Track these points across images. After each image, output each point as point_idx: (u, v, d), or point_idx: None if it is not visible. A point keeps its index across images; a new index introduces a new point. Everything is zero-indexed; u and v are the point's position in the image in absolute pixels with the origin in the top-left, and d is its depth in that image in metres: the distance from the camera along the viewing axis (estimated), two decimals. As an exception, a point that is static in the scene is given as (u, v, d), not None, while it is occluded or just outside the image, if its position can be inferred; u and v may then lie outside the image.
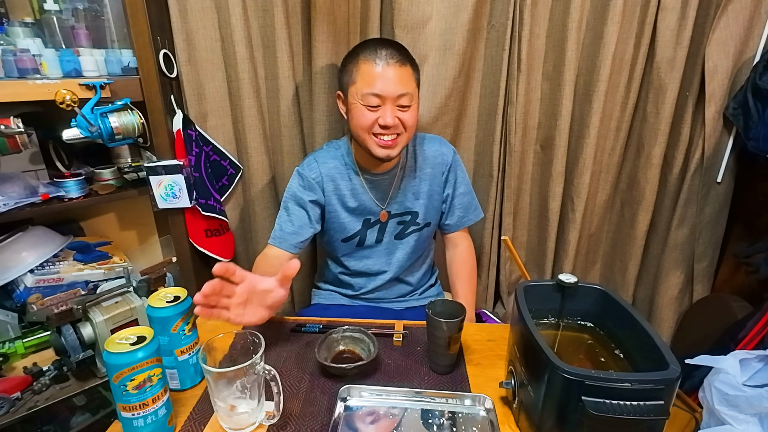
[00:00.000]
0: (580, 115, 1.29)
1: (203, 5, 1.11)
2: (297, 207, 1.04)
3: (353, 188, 1.06)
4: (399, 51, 0.95)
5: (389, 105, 0.93)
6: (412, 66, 0.96)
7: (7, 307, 1.14)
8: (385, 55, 0.92)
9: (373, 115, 0.94)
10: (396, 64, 0.92)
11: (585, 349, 0.70)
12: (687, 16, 1.18)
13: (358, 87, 0.94)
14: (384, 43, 0.95)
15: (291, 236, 1.03)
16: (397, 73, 0.92)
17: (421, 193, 1.09)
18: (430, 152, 1.09)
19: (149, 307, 0.69)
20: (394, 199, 1.08)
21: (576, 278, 0.71)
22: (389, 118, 0.93)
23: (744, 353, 0.94)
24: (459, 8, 1.16)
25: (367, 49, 0.95)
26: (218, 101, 1.20)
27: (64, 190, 1.12)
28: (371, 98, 0.93)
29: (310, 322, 0.93)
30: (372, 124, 0.95)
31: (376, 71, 0.92)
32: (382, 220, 1.09)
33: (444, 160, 1.09)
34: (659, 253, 1.42)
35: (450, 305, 0.79)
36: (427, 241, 1.17)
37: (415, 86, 0.96)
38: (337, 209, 1.07)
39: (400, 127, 0.96)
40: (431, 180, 1.09)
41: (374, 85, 0.92)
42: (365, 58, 0.93)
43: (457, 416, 0.69)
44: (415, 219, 1.10)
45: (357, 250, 1.12)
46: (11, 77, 0.95)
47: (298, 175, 1.06)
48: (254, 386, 0.64)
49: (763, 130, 1.12)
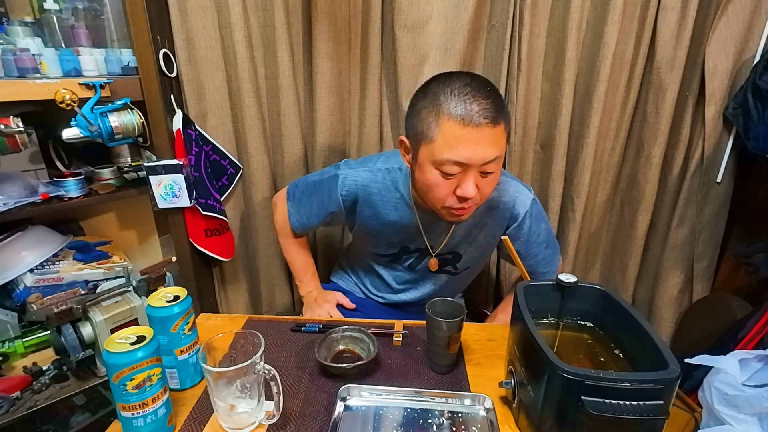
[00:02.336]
0: (580, 115, 1.29)
1: (203, 5, 1.11)
2: (317, 206, 1.01)
3: (400, 218, 0.93)
4: (494, 102, 0.73)
5: (472, 173, 0.75)
6: (505, 120, 0.75)
7: (6, 306, 1.14)
8: (478, 112, 0.71)
9: (450, 184, 0.77)
10: (490, 125, 0.72)
11: (585, 348, 0.70)
12: (687, 16, 1.17)
13: (437, 148, 0.74)
14: (476, 92, 0.73)
15: (306, 224, 1.06)
16: (491, 136, 0.73)
17: (473, 241, 0.97)
18: (498, 202, 0.92)
19: (149, 307, 0.69)
20: (444, 244, 0.96)
21: (576, 278, 0.71)
22: (471, 189, 0.75)
23: (743, 353, 0.94)
24: (459, 8, 1.16)
25: (454, 98, 0.73)
26: (218, 101, 1.20)
27: (63, 189, 1.12)
28: (452, 166, 0.74)
29: (310, 321, 0.93)
30: (447, 195, 0.78)
31: (464, 134, 0.72)
32: (431, 269, 0.99)
33: (512, 214, 0.93)
34: (659, 253, 1.42)
35: (450, 305, 0.79)
36: (463, 281, 1.09)
37: (505, 145, 0.77)
38: (373, 230, 0.97)
39: (477, 198, 0.78)
40: (489, 231, 0.96)
41: (458, 152, 0.73)
42: (449, 113, 0.72)
43: (457, 416, 0.69)
44: (455, 262, 1.00)
45: (389, 265, 1.06)
46: (11, 77, 0.95)
47: (334, 183, 0.94)
48: (254, 386, 0.64)
49: (763, 130, 1.12)
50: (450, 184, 0.77)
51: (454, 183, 0.77)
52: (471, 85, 0.74)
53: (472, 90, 0.73)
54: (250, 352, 0.66)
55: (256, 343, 0.66)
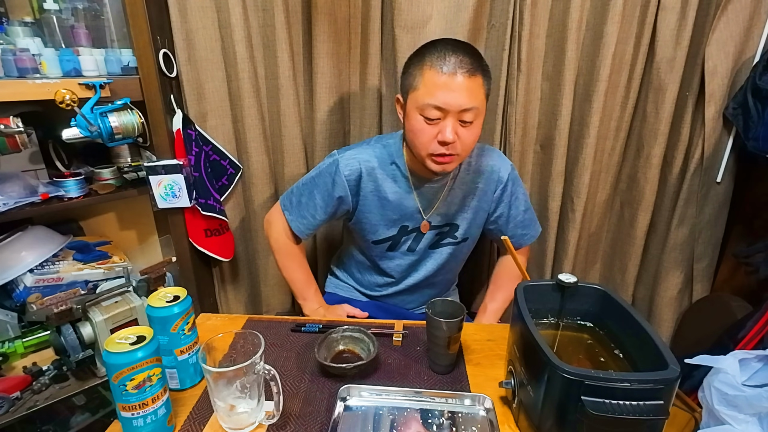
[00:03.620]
0: (580, 115, 1.29)
1: (203, 5, 1.11)
2: (321, 198, 1.01)
3: (397, 191, 1.00)
4: (471, 57, 0.84)
5: (451, 119, 0.84)
6: (483, 75, 0.86)
7: (6, 306, 1.14)
8: (454, 63, 0.82)
9: (432, 130, 0.86)
10: (465, 74, 0.82)
11: (585, 349, 0.70)
12: (687, 16, 1.17)
13: (419, 95, 0.85)
14: (455, 47, 0.84)
15: (311, 224, 1.04)
16: (466, 85, 0.82)
17: (467, 208, 1.03)
18: (486, 166, 1.02)
19: (149, 307, 0.69)
20: (438, 210, 1.02)
21: (576, 278, 0.71)
22: (449, 133, 0.84)
23: (743, 353, 0.94)
24: (459, 8, 1.16)
25: (436, 52, 0.84)
26: (218, 101, 1.20)
27: (63, 189, 1.12)
28: (432, 110, 0.84)
29: (310, 321, 0.93)
30: (430, 139, 0.87)
31: (442, 80, 0.82)
32: (423, 231, 1.03)
33: (499, 177, 1.02)
34: (659, 253, 1.42)
35: (450, 305, 0.79)
36: (461, 256, 1.13)
37: (483, 99, 0.87)
38: (372, 210, 1.01)
39: (458, 146, 0.87)
40: (481, 196, 1.03)
41: (437, 96, 0.83)
42: (431, 63, 0.84)
43: (457, 416, 0.69)
44: (454, 232, 1.05)
45: (387, 254, 1.08)
46: (11, 77, 0.95)
47: (335, 170, 0.98)
48: (254, 386, 0.64)
49: (763, 130, 1.12)
50: (432, 129, 0.86)
51: (436, 129, 0.86)
52: (452, 43, 0.86)
53: (452, 47, 0.85)
54: (250, 352, 0.66)
55: (256, 343, 0.66)
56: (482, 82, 0.85)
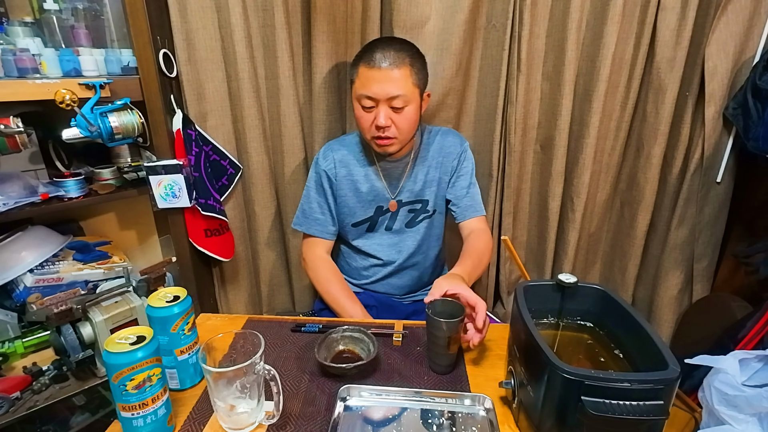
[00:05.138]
0: (580, 115, 1.29)
1: (203, 5, 1.11)
2: (317, 195, 1.12)
3: (367, 174, 1.10)
4: (396, 52, 0.95)
5: (383, 106, 0.97)
6: (411, 66, 0.97)
7: (6, 306, 1.14)
8: (378, 58, 0.95)
9: (369, 116, 0.99)
10: (388, 67, 0.94)
11: (585, 349, 0.70)
12: (687, 16, 1.17)
13: (356, 87, 0.99)
14: (381, 45, 0.97)
15: (326, 223, 1.12)
16: (389, 76, 0.94)
17: (431, 181, 1.12)
18: (444, 142, 1.12)
19: (149, 307, 0.69)
20: (405, 187, 1.11)
21: (576, 278, 0.71)
22: (381, 118, 0.97)
23: (743, 353, 0.94)
24: (457, 8, 1.17)
25: (368, 49, 0.98)
26: (218, 101, 1.20)
27: (63, 189, 1.12)
28: (365, 100, 0.97)
29: (310, 322, 0.93)
30: (368, 125, 1.00)
31: (370, 73, 0.95)
32: (391, 209, 1.12)
33: (455, 149, 1.12)
34: (659, 253, 1.42)
35: (450, 305, 0.79)
36: (437, 229, 1.18)
37: (411, 87, 0.97)
38: (348, 194, 1.11)
39: (393, 129, 0.99)
40: (441, 168, 1.12)
41: (367, 87, 0.96)
42: (362, 59, 0.97)
43: (457, 416, 0.69)
44: (425, 207, 1.13)
45: (367, 235, 1.15)
46: (11, 77, 0.95)
47: (315, 164, 1.12)
48: (254, 386, 0.64)
49: (763, 130, 1.12)
50: (369, 116, 0.99)
51: (372, 116, 0.98)
52: (384, 40, 1.01)
53: (382, 43, 0.98)
54: (250, 352, 0.66)
55: (256, 344, 0.66)
56: (409, 72, 0.96)
